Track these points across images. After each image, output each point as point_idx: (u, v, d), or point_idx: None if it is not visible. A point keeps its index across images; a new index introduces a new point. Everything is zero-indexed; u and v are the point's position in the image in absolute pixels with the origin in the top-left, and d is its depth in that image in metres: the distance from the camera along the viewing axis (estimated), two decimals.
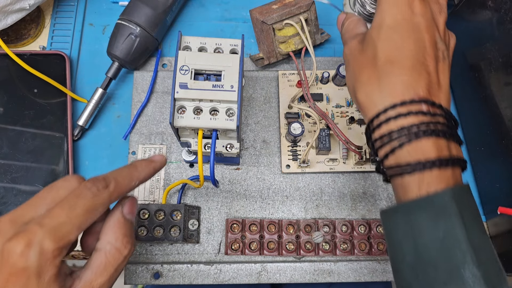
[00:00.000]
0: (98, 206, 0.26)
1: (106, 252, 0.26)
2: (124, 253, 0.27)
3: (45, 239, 0.23)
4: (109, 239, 0.27)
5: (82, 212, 0.25)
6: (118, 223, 0.27)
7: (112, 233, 0.27)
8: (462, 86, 0.44)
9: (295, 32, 0.42)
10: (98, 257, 0.26)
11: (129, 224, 0.28)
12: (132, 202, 0.29)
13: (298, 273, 0.41)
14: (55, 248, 0.23)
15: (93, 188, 0.26)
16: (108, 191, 0.26)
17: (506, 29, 0.35)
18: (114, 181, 0.27)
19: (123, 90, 0.47)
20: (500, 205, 0.40)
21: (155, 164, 0.30)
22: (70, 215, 0.24)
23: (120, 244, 0.27)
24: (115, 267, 0.26)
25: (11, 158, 0.42)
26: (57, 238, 0.23)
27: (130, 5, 0.44)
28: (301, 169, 0.42)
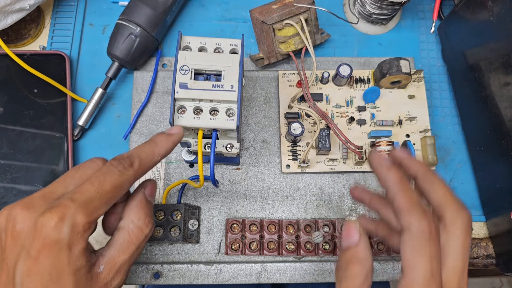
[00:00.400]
0: (124, 182, 0.27)
1: (129, 230, 0.28)
2: (145, 232, 0.28)
3: (77, 213, 0.24)
4: (132, 218, 0.28)
5: (110, 188, 0.26)
6: (141, 203, 0.29)
7: (135, 212, 0.28)
8: (462, 86, 0.44)
9: (295, 32, 0.42)
10: (121, 235, 0.28)
11: (150, 205, 0.30)
12: (153, 185, 0.31)
13: (298, 273, 0.41)
14: (86, 222, 0.25)
15: (119, 166, 0.27)
16: (133, 168, 0.28)
17: (506, 29, 0.35)
18: (138, 159, 0.28)
19: (123, 90, 0.46)
20: (500, 205, 0.40)
21: (173, 137, 0.31)
22: (100, 190, 0.26)
23: (142, 223, 0.28)
24: (136, 245, 0.28)
25: (11, 158, 0.42)
26: (88, 212, 0.25)
27: (130, 5, 0.44)
28: (301, 169, 0.42)
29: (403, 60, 0.42)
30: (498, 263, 0.42)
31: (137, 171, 0.28)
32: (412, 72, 0.44)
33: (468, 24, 0.41)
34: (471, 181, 0.45)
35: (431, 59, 0.49)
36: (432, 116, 0.46)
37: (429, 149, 0.42)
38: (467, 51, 0.42)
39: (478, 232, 0.44)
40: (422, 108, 0.44)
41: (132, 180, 0.28)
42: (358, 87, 0.45)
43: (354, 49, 0.49)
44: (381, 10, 0.45)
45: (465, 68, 0.43)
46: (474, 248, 0.43)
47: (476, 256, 0.43)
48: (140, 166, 0.28)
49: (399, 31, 0.49)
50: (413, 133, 0.44)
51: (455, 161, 0.46)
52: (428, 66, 0.48)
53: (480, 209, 0.44)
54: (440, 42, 0.48)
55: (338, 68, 0.42)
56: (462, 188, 0.45)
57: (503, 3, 0.35)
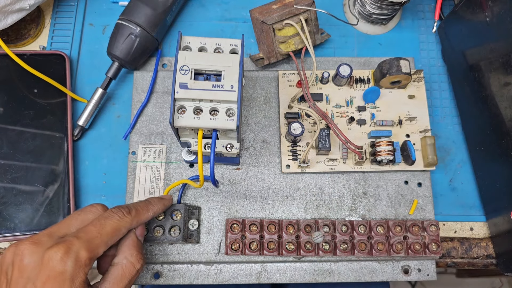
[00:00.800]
0: (122, 227, 0.31)
1: (122, 265, 0.32)
2: (137, 267, 0.32)
3: (80, 248, 0.28)
4: (125, 255, 0.32)
5: (110, 230, 0.30)
6: (133, 242, 0.33)
7: (128, 250, 0.32)
8: (462, 86, 0.44)
9: (295, 32, 0.42)
10: (115, 270, 0.31)
11: (141, 244, 0.34)
12: (142, 227, 0.35)
13: (298, 273, 0.41)
14: (88, 257, 0.28)
15: (119, 212, 0.32)
16: (130, 216, 0.32)
17: (506, 29, 0.35)
18: (135, 209, 0.33)
19: (123, 90, 0.46)
20: (500, 205, 0.40)
21: (164, 201, 0.37)
22: (101, 231, 0.30)
23: (134, 259, 0.32)
24: (129, 279, 0.31)
25: (11, 158, 0.42)
26: (90, 249, 0.28)
27: (130, 5, 0.44)
28: (301, 169, 0.42)
29: (403, 60, 0.42)
30: (498, 263, 0.42)
31: (133, 218, 0.32)
32: (412, 72, 0.44)
33: (468, 24, 0.41)
34: (471, 181, 0.45)
35: (431, 59, 0.49)
36: (432, 116, 0.46)
37: (429, 149, 0.42)
38: (467, 51, 0.42)
39: (478, 232, 0.44)
40: (422, 108, 0.44)
41: (128, 226, 0.32)
42: (358, 87, 0.45)
43: (354, 49, 0.49)
44: (381, 10, 0.45)
45: (465, 68, 0.43)
46: (474, 248, 0.43)
47: (476, 256, 0.43)
48: (136, 215, 0.33)
49: (399, 31, 0.49)
50: (413, 133, 0.44)
51: (455, 161, 0.46)
52: (428, 66, 0.48)
53: (480, 209, 0.44)
54: (440, 42, 0.48)
55: (338, 68, 0.42)
56: (462, 188, 0.45)
57: (503, 3, 0.35)
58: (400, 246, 0.40)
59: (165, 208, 0.37)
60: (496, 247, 0.43)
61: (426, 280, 0.42)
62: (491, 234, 0.43)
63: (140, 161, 0.42)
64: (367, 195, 0.43)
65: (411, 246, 0.40)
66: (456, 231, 0.44)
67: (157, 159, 0.43)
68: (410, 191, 0.43)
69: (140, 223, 0.33)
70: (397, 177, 0.43)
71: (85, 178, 0.44)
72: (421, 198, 0.43)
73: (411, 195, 0.43)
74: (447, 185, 0.45)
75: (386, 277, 0.41)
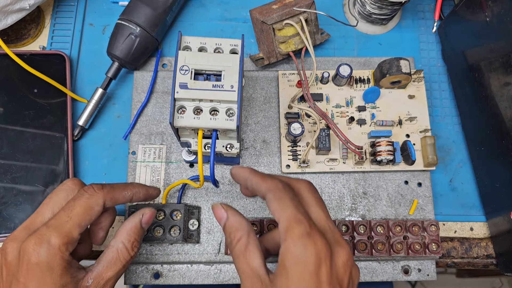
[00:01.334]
0: (93, 204, 0.30)
1: (118, 249, 0.31)
2: (131, 254, 0.32)
3: (51, 236, 0.28)
4: (122, 239, 0.32)
5: (80, 211, 0.30)
6: (135, 228, 0.32)
7: (126, 234, 0.32)
8: (462, 86, 0.44)
9: (295, 32, 0.42)
10: (109, 252, 0.31)
11: (142, 232, 0.33)
12: (151, 214, 0.34)
13: None
14: (61, 243, 0.28)
15: (89, 190, 0.31)
16: (102, 192, 0.31)
17: (506, 29, 0.35)
18: (110, 186, 0.32)
19: (123, 90, 0.47)
20: (500, 205, 0.40)
21: (149, 188, 0.36)
22: (70, 214, 0.29)
23: (130, 245, 0.32)
24: (123, 263, 0.31)
25: (11, 158, 0.42)
26: (61, 235, 0.28)
27: (130, 5, 0.44)
28: (301, 169, 0.42)
29: (403, 60, 0.42)
30: (498, 263, 0.42)
31: (105, 195, 0.31)
32: (412, 72, 0.44)
33: (468, 24, 0.41)
34: (471, 181, 0.45)
35: (431, 59, 0.49)
36: (432, 116, 0.46)
37: (429, 149, 0.42)
38: (467, 51, 0.42)
39: (478, 232, 0.44)
40: (422, 108, 0.44)
41: (101, 202, 0.31)
42: (358, 87, 0.45)
43: (354, 49, 0.49)
44: (381, 10, 0.45)
45: (465, 68, 0.43)
46: (474, 248, 0.43)
47: (476, 256, 0.43)
48: (110, 191, 0.32)
49: (399, 31, 0.49)
50: (413, 133, 0.44)
51: (455, 161, 0.46)
52: (428, 66, 0.48)
53: (480, 209, 0.44)
54: (440, 42, 0.48)
55: (338, 68, 0.42)
56: (462, 188, 0.45)
57: (503, 3, 0.35)
58: (400, 246, 0.40)
59: (148, 195, 0.35)
60: (496, 247, 0.43)
61: (426, 280, 0.42)
62: (491, 234, 0.43)
63: (140, 161, 0.42)
64: (367, 195, 0.43)
65: (411, 246, 0.40)
66: (456, 231, 0.44)
67: (157, 159, 0.43)
68: (410, 191, 0.43)
69: (115, 200, 0.32)
70: (397, 177, 0.43)
71: (85, 178, 0.44)
72: (421, 198, 0.43)
73: (411, 195, 0.43)
74: (447, 185, 0.45)
75: (386, 277, 0.41)
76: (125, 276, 0.40)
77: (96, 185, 0.32)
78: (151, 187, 0.36)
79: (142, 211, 0.33)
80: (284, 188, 0.29)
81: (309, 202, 0.30)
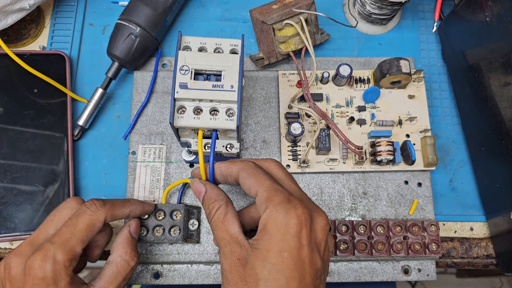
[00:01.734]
0: (95, 221, 0.32)
1: (117, 263, 0.32)
2: (131, 264, 0.33)
3: (56, 252, 0.29)
4: (119, 253, 0.33)
5: (83, 228, 0.31)
6: (127, 240, 0.34)
7: (122, 247, 0.33)
8: (462, 86, 0.44)
9: (295, 32, 0.42)
10: (109, 268, 0.32)
11: (135, 241, 0.35)
12: (137, 223, 0.36)
13: None
14: (66, 259, 0.29)
15: (92, 207, 0.32)
16: (104, 209, 0.32)
17: (506, 29, 0.35)
18: (110, 203, 0.33)
19: (123, 90, 0.47)
20: (500, 205, 0.40)
21: (145, 204, 0.37)
22: (73, 231, 0.30)
23: (128, 256, 0.33)
24: (123, 276, 0.32)
25: (11, 158, 0.42)
26: (66, 251, 0.29)
27: (130, 5, 0.44)
28: (301, 169, 0.42)
29: (403, 60, 0.42)
30: (498, 263, 0.42)
31: (107, 211, 0.32)
32: (412, 72, 0.44)
33: (468, 24, 0.41)
34: (471, 181, 0.45)
35: (431, 59, 0.49)
36: (432, 116, 0.46)
37: (429, 149, 0.42)
38: (467, 51, 0.42)
39: (478, 232, 0.44)
40: (422, 108, 0.44)
41: (102, 219, 0.32)
42: (358, 87, 0.45)
43: (354, 49, 0.49)
44: (381, 10, 0.45)
45: (465, 68, 0.43)
46: (474, 248, 0.43)
47: (476, 256, 0.43)
48: (110, 208, 0.33)
49: (399, 31, 0.49)
50: (413, 133, 0.44)
51: (455, 161, 0.46)
52: (428, 66, 0.48)
53: (480, 209, 0.44)
54: (440, 42, 0.48)
55: (338, 68, 0.42)
56: (462, 188, 0.45)
57: (503, 3, 0.35)
58: (400, 246, 0.40)
59: (144, 211, 0.37)
60: (496, 247, 0.43)
61: (426, 280, 0.42)
62: (491, 234, 0.43)
63: (140, 161, 0.42)
64: (367, 195, 0.43)
65: (411, 246, 0.40)
66: (456, 231, 0.44)
67: (157, 159, 0.43)
68: (410, 191, 0.43)
69: (115, 217, 0.33)
70: (397, 177, 0.43)
71: (85, 178, 0.44)
72: (421, 198, 0.43)
73: (411, 195, 0.43)
74: (447, 185, 0.45)
75: (386, 277, 0.41)
76: None
77: (97, 202, 0.33)
78: (146, 203, 0.37)
79: (128, 223, 0.35)
80: (256, 166, 0.30)
81: (281, 178, 0.31)
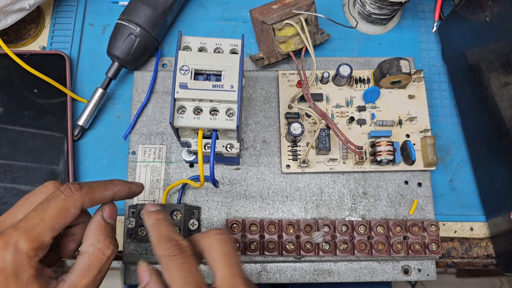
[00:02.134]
0: (70, 207, 0.27)
1: (89, 253, 0.28)
2: (107, 253, 0.28)
3: (19, 240, 0.25)
4: (91, 242, 0.28)
5: (54, 213, 0.26)
6: (99, 226, 0.29)
7: (93, 235, 0.29)
8: (462, 86, 0.44)
9: (295, 32, 0.42)
10: (81, 259, 0.28)
11: (110, 227, 0.30)
12: (111, 208, 0.31)
13: (298, 273, 0.41)
14: (30, 248, 0.25)
15: (66, 190, 0.28)
16: (80, 193, 0.28)
17: (506, 29, 0.35)
18: (88, 186, 0.29)
19: (123, 90, 0.47)
20: (500, 205, 0.40)
21: (131, 185, 0.32)
22: (43, 216, 0.26)
23: (102, 245, 0.28)
24: (98, 267, 0.28)
25: (11, 158, 0.42)
26: (31, 239, 0.25)
27: (130, 5, 0.44)
28: (301, 169, 0.42)
29: (403, 60, 0.42)
30: (498, 263, 0.42)
31: (84, 195, 0.28)
32: (412, 72, 0.44)
33: (468, 24, 0.41)
34: (471, 181, 0.45)
35: (431, 59, 0.49)
36: (432, 116, 0.46)
37: (429, 149, 0.42)
38: (467, 51, 0.42)
39: (478, 232, 0.44)
40: (422, 108, 0.44)
41: (78, 204, 0.28)
42: (358, 87, 0.45)
43: (354, 49, 0.49)
44: (381, 10, 0.45)
45: (465, 68, 0.43)
46: (474, 248, 0.43)
47: (476, 256, 0.43)
48: (89, 192, 0.28)
49: (399, 31, 0.49)
50: (413, 133, 0.44)
51: (455, 161, 0.46)
52: (428, 66, 0.48)
53: (480, 209, 0.44)
54: (440, 42, 0.48)
55: (338, 68, 0.42)
56: (462, 188, 0.45)
57: (503, 3, 0.35)
58: (400, 246, 0.40)
59: (130, 192, 0.32)
60: (496, 247, 0.43)
61: (426, 280, 0.42)
62: (491, 234, 0.43)
63: (140, 161, 0.42)
64: (367, 195, 0.43)
65: (411, 246, 0.40)
66: (456, 231, 0.44)
67: (157, 159, 0.43)
68: (410, 191, 0.43)
69: (94, 201, 0.29)
70: (397, 177, 0.43)
71: (85, 178, 0.44)
72: (421, 198, 0.43)
73: (411, 195, 0.43)
74: (447, 185, 0.45)
75: (386, 277, 0.41)
76: (125, 276, 0.40)
77: (73, 185, 0.28)
78: (134, 183, 0.33)
79: (101, 208, 0.30)
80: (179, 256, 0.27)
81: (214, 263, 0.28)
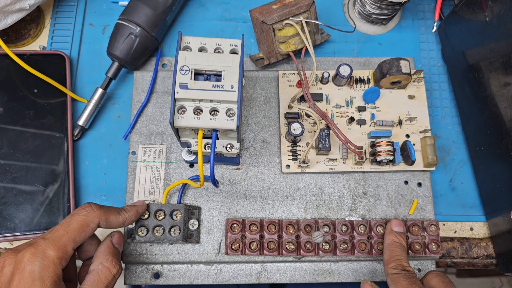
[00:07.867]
0: (90, 222, 0.32)
1: (98, 271, 0.32)
2: (113, 272, 0.33)
3: (47, 248, 0.29)
4: (100, 260, 0.33)
5: (77, 227, 0.31)
6: (108, 248, 0.34)
7: (103, 255, 0.33)
8: (462, 86, 0.44)
9: (295, 32, 0.42)
10: (91, 276, 0.32)
11: (117, 251, 0.35)
12: (119, 235, 0.36)
13: (298, 273, 0.41)
14: (56, 256, 0.29)
15: (87, 208, 0.33)
16: (98, 212, 0.33)
17: (506, 29, 0.35)
18: (106, 208, 0.34)
19: (123, 90, 0.47)
20: (500, 205, 0.40)
21: (137, 207, 0.37)
22: (67, 229, 0.31)
23: (110, 263, 0.33)
24: (105, 284, 0.32)
25: (11, 158, 0.42)
26: (57, 247, 0.29)
27: (130, 5, 0.44)
28: (301, 169, 0.42)
29: (403, 60, 0.42)
30: (498, 263, 0.42)
31: (101, 215, 0.33)
32: (412, 72, 0.44)
33: (468, 24, 0.41)
34: (471, 181, 0.45)
35: (431, 59, 0.49)
36: (432, 116, 0.46)
37: (429, 149, 0.42)
38: (467, 51, 0.42)
39: (478, 232, 0.44)
40: (422, 108, 0.44)
41: (96, 221, 0.33)
42: (358, 87, 0.45)
43: (354, 49, 0.49)
44: (381, 10, 0.45)
45: (465, 68, 0.43)
46: (474, 248, 0.43)
47: (476, 256, 0.43)
48: (105, 213, 0.33)
49: (399, 31, 0.49)
50: (413, 133, 0.44)
51: (455, 161, 0.46)
52: (428, 66, 0.48)
53: (480, 209, 0.44)
54: (440, 42, 0.48)
55: (338, 68, 0.42)
56: (462, 188, 0.45)
57: (503, 3, 0.35)
58: None
59: (138, 215, 0.37)
60: (496, 247, 0.43)
61: None
62: (491, 234, 0.43)
63: (140, 161, 0.42)
64: (367, 195, 0.43)
65: (411, 246, 0.40)
66: (456, 231, 0.44)
67: (157, 159, 0.43)
68: (410, 191, 0.43)
69: (108, 224, 0.34)
70: (397, 177, 0.43)
71: (85, 178, 0.44)
72: (421, 198, 0.43)
73: (411, 195, 0.43)
74: (447, 185, 0.45)
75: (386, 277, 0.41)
76: (125, 276, 0.40)
77: (93, 204, 0.33)
78: (138, 206, 0.38)
79: (111, 234, 0.35)
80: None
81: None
